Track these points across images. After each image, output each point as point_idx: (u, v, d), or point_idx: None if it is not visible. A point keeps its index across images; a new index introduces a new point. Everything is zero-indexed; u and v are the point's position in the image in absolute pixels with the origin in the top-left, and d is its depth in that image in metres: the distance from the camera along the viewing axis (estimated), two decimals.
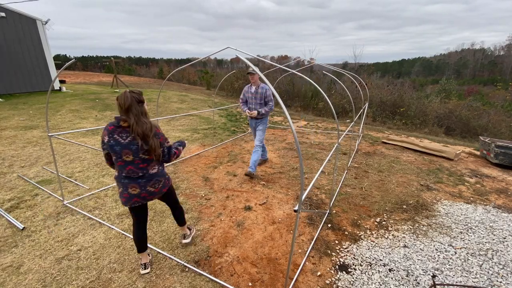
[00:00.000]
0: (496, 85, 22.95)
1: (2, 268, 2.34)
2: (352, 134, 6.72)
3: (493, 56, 65.66)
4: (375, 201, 3.72)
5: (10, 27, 11.17)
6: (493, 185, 4.39)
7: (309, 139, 7.00)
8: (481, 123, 10.64)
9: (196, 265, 2.43)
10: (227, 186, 4.05)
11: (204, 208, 3.42)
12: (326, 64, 8.63)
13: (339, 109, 12.32)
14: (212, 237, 2.84)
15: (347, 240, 2.86)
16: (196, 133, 7.14)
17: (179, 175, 4.40)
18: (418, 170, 4.96)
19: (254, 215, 3.28)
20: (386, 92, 12.70)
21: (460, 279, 2.36)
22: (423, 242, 2.85)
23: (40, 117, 7.76)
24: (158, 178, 2.13)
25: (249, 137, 7.05)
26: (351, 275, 2.37)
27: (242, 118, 9.38)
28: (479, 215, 3.42)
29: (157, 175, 2.12)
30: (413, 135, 8.48)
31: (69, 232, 2.85)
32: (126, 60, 51.52)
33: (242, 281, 2.27)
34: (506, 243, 2.86)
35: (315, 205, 3.58)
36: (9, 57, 11.28)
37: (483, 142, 5.75)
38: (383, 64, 79.71)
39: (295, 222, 3.15)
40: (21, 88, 11.84)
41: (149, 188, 2.09)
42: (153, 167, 2.09)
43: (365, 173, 4.72)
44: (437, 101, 12.50)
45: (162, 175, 2.19)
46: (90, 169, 4.51)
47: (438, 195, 3.98)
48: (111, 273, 2.32)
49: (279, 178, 4.39)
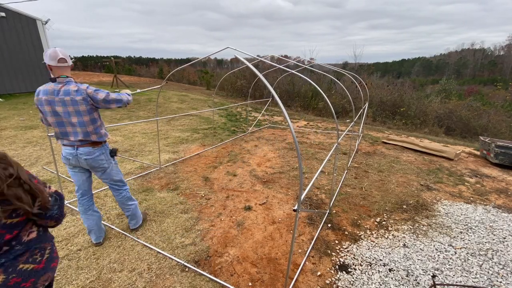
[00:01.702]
0: (496, 85, 22.95)
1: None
2: (352, 134, 6.71)
3: (493, 56, 65.68)
4: (375, 201, 3.72)
5: (10, 27, 11.17)
6: (493, 185, 4.39)
7: (309, 139, 7.00)
8: (481, 123, 10.64)
9: (196, 265, 2.43)
10: (227, 186, 4.05)
11: (204, 208, 3.42)
12: (326, 64, 8.62)
13: (339, 109, 12.32)
14: (212, 237, 2.84)
15: (347, 240, 2.86)
16: (196, 133, 7.14)
17: (179, 175, 4.40)
18: (418, 170, 4.96)
19: (254, 215, 3.28)
20: (386, 92, 12.70)
21: (460, 279, 2.36)
22: (423, 242, 2.85)
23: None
24: (37, 245, 1.27)
25: (249, 136, 7.05)
26: (351, 275, 2.37)
27: (242, 118, 9.38)
28: (479, 215, 3.42)
29: (36, 242, 1.27)
30: (413, 135, 8.48)
31: (69, 232, 2.85)
32: (126, 60, 51.49)
33: (242, 281, 2.27)
34: (506, 243, 2.86)
35: (315, 205, 3.58)
36: (9, 57, 11.28)
37: (483, 142, 5.75)
38: (383, 64, 79.74)
39: (291, 221, 3.15)
40: (21, 88, 11.84)
41: (22, 266, 1.19)
42: (29, 230, 1.24)
43: (365, 173, 4.72)
44: (437, 101, 12.50)
45: (46, 239, 1.33)
46: None
47: (438, 195, 3.98)
48: (111, 273, 2.32)
49: (279, 178, 4.39)
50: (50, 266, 1.31)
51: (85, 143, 2.29)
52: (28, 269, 1.21)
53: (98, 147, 2.36)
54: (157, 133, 5.15)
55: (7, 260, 1.16)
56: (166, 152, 5.54)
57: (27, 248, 1.22)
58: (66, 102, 2.13)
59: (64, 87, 2.13)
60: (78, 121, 2.19)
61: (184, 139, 6.52)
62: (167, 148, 5.81)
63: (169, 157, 5.25)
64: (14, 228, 1.16)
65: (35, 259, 1.24)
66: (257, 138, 6.93)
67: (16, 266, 1.18)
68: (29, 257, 1.23)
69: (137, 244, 2.68)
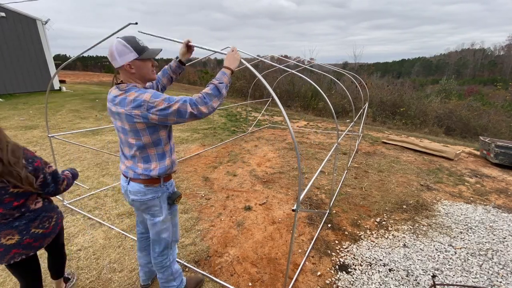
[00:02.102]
0: (496, 85, 22.97)
1: (2, 268, 2.33)
2: (352, 134, 6.72)
3: (493, 56, 65.68)
4: (375, 201, 3.72)
5: (10, 27, 11.17)
6: (493, 185, 4.40)
7: (309, 139, 7.00)
8: (481, 123, 10.65)
9: (196, 265, 2.43)
10: (227, 186, 4.05)
11: (204, 208, 3.42)
12: (326, 64, 8.62)
13: (339, 109, 12.33)
14: (212, 237, 2.84)
15: (347, 240, 2.86)
16: (196, 133, 7.14)
17: (179, 175, 4.40)
18: (418, 170, 4.96)
19: (254, 215, 3.28)
20: (386, 92, 12.71)
21: (460, 279, 2.36)
22: (423, 242, 2.85)
23: (40, 117, 7.76)
24: (46, 214, 1.58)
25: (249, 136, 7.05)
26: (351, 275, 2.37)
27: (242, 118, 9.39)
28: (479, 215, 3.42)
29: (43, 211, 1.57)
30: (413, 135, 8.48)
31: (69, 232, 2.85)
32: None
33: (242, 281, 2.27)
34: (506, 243, 2.86)
35: (315, 205, 3.58)
36: (9, 57, 11.29)
37: (483, 142, 5.75)
38: (383, 64, 79.72)
39: (291, 221, 3.15)
40: (21, 88, 11.85)
41: (34, 230, 1.51)
42: (35, 200, 1.53)
43: (365, 173, 4.72)
44: (437, 101, 12.51)
45: (52, 209, 1.64)
46: (90, 169, 4.51)
47: (438, 195, 3.98)
48: (111, 273, 2.32)
49: (279, 178, 4.39)
50: (56, 230, 1.66)
51: (136, 177, 1.59)
52: (39, 233, 1.54)
53: (152, 186, 1.62)
54: None
55: (21, 224, 1.46)
56: None
57: (36, 215, 1.53)
58: (121, 115, 1.46)
59: (122, 95, 1.45)
60: (136, 143, 1.51)
61: (184, 139, 6.53)
62: None
63: None
64: (20, 197, 1.43)
65: (44, 225, 1.56)
66: (257, 138, 6.93)
67: (29, 229, 1.49)
68: (39, 224, 1.54)
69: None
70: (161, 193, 1.66)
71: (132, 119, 1.43)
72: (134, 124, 1.45)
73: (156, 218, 1.69)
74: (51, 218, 1.62)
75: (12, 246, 1.45)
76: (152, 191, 1.62)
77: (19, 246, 1.46)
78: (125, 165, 1.64)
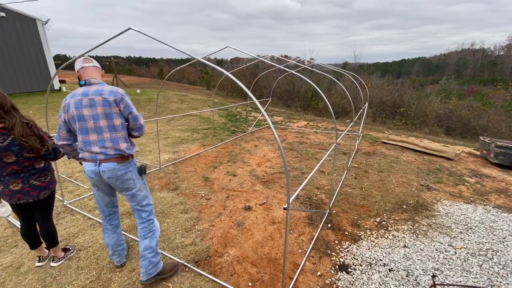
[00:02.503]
0: (496, 85, 22.97)
1: (2, 268, 2.34)
2: (352, 134, 6.71)
3: (493, 56, 65.66)
4: (375, 201, 3.72)
5: (10, 27, 11.18)
6: (493, 185, 4.40)
7: (309, 139, 7.00)
8: (481, 123, 10.64)
9: (196, 265, 2.43)
10: (227, 186, 4.05)
11: (204, 208, 3.42)
12: (326, 64, 8.63)
13: (339, 109, 12.32)
14: (212, 237, 2.84)
15: (347, 240, 2.86)
16: (196, 133, 7.14)
17: (179, 175, 4.40)
18: (418, 170, 4.96)
19: (254, 215, 3.28)
20: (386, 92, 12.70)
21: (460, 279, 2.36)
22: (423, 242, 2.85)
23: (40, 117, 7.75)
24: (44, 171, 2.11)
25: (249, 136, 7.05)
26: (351, 275, 2.37)
27: (242, 118, 9.38)
28: (479, 215, 3.42)
29: (43, 169, 2.11)
30: (413, 135, 8.48)
31: (69, 232, 2.85)
32: (126, 60, 51.48)
33: (242, 281, 2.27)
34: (506, 243, 2.86)
35: (315, 205, 3.58)
36: (9, 57, 11.29)
37: (483, 142, 5.75)
38: (383, 64, 79.67)
39: (291, 221, 3.15)
40: (21, 88, 11.85)
41: (32, 181, 2.03)
42: (40, 162, 2.08)
43: (365, 173, 4.72)
44: (437, 101, 12.49)
45: (49, 169, 2.17)
46: None
47: (438, 195, 3.98)
48: (111, 273, 2.32)
49: (279, 178, 4.39)
50: (49, 186, 2.16)
51: (109, 158, 1.89)
52: (36, 184, 2.07)
53: (123, 163, 1.95)
54: (157, 133, 5.16)
55: (25, 176, 2.01)
56: (166, 152, 5.54)
57: (37, 171, 2.07)
58: (96, 102, 1.82)
59: (96, 88, 1.87)
60: (108, 125, 1.86)
61: (184, 139, 6.53)
62: (167, 148, 5.81)
63: (169, 157, 5.26)
64: (30, 160, 2.02)
65: (41, 180, 2.09)
66: (257, 138, 6.93)
67: (30, 181, 2.03)
68: (38, 178, 2.08)
69: (137, 244, 2.68)
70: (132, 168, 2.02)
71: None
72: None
73: (133, 189, 2.05)
74: (47, 175, 2.14)
75: (16, 191, 1.99)
76: (124, 167, 1.97)
77: (21, 192, 2.01)
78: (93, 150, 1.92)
